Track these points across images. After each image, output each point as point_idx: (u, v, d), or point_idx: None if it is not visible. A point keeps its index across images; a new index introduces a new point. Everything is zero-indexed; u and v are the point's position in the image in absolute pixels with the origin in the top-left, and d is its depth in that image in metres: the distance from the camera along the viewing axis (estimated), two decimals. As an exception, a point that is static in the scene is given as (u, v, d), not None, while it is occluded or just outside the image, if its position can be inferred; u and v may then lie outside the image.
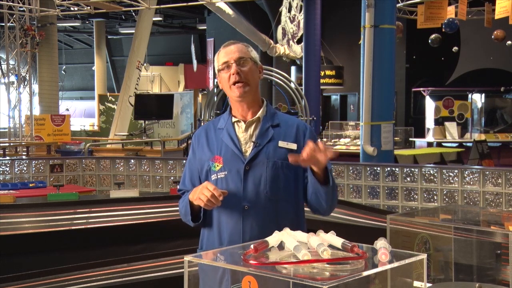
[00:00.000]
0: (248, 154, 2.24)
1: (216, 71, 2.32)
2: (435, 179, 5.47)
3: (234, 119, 2.32)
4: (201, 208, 2.24)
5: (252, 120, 2.29)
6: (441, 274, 2.42)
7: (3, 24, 12.56)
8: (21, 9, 12.47)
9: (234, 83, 2.24)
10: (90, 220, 4.14)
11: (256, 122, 2.30)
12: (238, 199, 2.21)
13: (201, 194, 2.14)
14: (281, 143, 2.26)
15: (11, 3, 11.98)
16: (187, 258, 1.59)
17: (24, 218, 3.98)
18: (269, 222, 2.16)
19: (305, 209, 2.33)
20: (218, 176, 2.24)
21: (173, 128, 17.38)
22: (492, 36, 12.81)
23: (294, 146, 2.26)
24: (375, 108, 7.54)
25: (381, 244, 1.58)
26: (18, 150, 10.78)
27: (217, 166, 2.24)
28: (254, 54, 2.33)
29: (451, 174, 5.43)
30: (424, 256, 1.58)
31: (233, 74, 2.24)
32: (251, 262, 1.53)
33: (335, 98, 19.49)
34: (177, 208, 2.41)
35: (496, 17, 10.58)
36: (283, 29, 15.62)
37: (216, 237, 2.25)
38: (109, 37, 25.85)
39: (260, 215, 2.20)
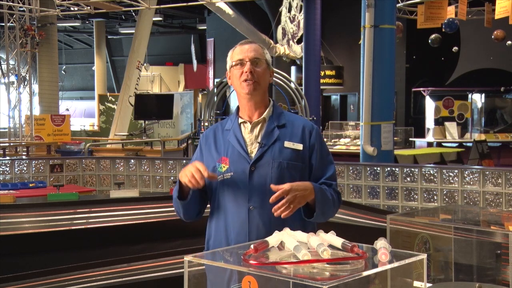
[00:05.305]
0: (253, 155, 2.24)
1: (228, 67, 2.33)
2: (435, 179, 5.47)
3: (240, 120, 2.32)
4: (190, 189, 2.22)
5: (257, 121, 2.30)
6: (441, 274, 2.42)
7: (3, 24, 12.55)
8: (21, 9, 12.46)
9: (246, 80, 2.25)
10: (90, 220, 4.14)
11: (261, 122, 2.30)
12: (244, 199, 2.21)
13: (187, 171, 2.14)
14: (287, 144, 2.25)
15: (11, 3, 11.97)
16: (187, 258, 1.59)
17: (24, 218, 3.98)
18: (275, 222, 2.14)
19: None
20: (224, 177, 2.24)
21: (173, 128, 17.38)
22: (492, 36, 12.80)
23: (300, 147, 2.26)
24: (375, 108, 7.54)
25: (381, 244, 1.58)
26: (18, 150, 10.77)
27: (224, 167, 2.24)
28: (268, 57, 2.35)
29: (451, 174, 5.42)
30: (424, 256, 1.58)
31: (246, 72, 2.25)
32: (251, 262, 1.53)
33: (335, 98, 19.48)
34: (177, 208, 2.39)
35: (496, 17, 10.57)
36: (283, 29, 15.62)
37: (224, 238, 2.25)
38: (109, 37, 25.83)
39: (266, 216, 2.19)
